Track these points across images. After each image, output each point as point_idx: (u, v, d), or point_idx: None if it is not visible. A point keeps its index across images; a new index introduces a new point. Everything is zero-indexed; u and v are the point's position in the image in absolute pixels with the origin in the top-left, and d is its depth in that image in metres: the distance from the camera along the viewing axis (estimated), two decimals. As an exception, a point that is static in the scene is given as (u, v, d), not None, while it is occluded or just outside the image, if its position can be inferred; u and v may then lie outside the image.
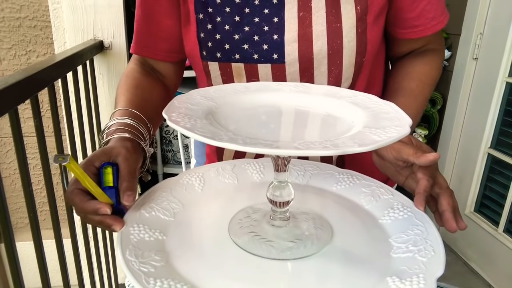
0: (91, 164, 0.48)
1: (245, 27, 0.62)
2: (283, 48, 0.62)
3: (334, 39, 0.60)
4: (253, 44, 0.62)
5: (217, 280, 0.41)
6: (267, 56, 0.63)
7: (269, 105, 0.52)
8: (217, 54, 0.64)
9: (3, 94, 0.65)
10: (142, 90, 0.68)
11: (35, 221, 0.77)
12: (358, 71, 0.64)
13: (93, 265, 1.18)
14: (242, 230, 0.49)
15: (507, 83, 1.69)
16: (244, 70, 0.65)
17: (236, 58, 0.64)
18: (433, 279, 0.40)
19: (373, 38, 0.62)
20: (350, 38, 0.60)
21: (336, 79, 0.64)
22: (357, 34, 0.60)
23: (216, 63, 0.65)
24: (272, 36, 0.62)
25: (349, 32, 0.60)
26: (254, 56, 0.63)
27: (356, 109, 0.48)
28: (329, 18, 0.60)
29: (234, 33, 0.63)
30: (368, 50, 0.62)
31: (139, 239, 0.45)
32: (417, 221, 0.50)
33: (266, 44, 0.62)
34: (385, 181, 0.77)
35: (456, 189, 1.99)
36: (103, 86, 1.36)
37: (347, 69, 0.63)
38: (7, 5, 1.40)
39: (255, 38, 0.62)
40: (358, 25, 0.60)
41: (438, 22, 0.65)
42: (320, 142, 0.37)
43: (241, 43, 0.63)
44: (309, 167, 0.65)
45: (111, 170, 0.48)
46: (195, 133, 0.37)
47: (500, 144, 1.75)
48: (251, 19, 0.62)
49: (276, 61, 0.63)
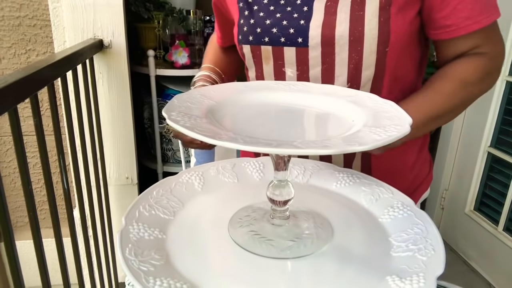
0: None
1: (277, 14, 0.68)
2: (308, 32, 0.65)
3: (356, 26, 0.62)
4: (281, 28, 0.67)
5: (216, 279, 0.41)
6: (293, 39, 0.67)
7: (269, 104, 0.52)
8: (250, 37, 0.71)
9: (3, 93, 0.65)
10: (221, 53, 0.90)
11: (35, 220, 0.77)
12: (381, 61, 0.64)
13: (93, 264, 1.18)
14: (242, 229, 0.49)
15: (507, 82, 1.69)
16: (271, 53, 0.70)
17: (265, 41, 0.69)
18: (433, 278, 0.40)
19: (397, 29, 0.63)
20: (372, 26, 0.62)
21: (357, 66, 0.65)
22: (379, 23, 0.62)
23: (248, 46, 0.72)
24: (299, 21, 0.66)
25: (371, 20, 0.62)
26: (281, 39, 0.68)
27: (356, 108, 0.48)
28: (353, 7, 0.62)
29: (267, 18, 0.69)
30: (391, 41, 0.63)
31: (139, 238, 0.45)
32: (417, 220, 0.50)
33: (293, 28, 0.66)
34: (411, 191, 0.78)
35: (456, 187, 1.99)
36: (103, 85, 1.36)
37: (368, 57, 0.64)
38: (7, 4, 1.40)
39: (283, 23, 0.67)
40: (381, 14, 0.61)
41: (474, 22, 0.62)
42: (320, 141, 0.37)
43: (271, 27, 0.68)
44: (309, 166, 0.65)
45: None
46: (195, 132, 0.37)
47: (500, 143, 1.75)
48: (284, 8, 0.68)
49: (300, 45, 0.66)
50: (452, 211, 2.02)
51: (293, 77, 0.69)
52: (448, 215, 2.06)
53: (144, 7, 1.64)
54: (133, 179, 1.51)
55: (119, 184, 1.50)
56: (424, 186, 0.81)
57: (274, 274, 0.43)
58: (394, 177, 0.69)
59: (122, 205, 1.51)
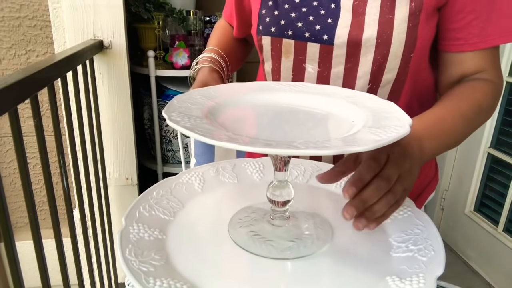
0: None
1: (303, 8, 0.67)
2: (335, 31, 0.64)
3: (385, 29, 0.62)
4: (307, 23, 0.66)
5: (216, 279, 0.41)
6: (318, 36, 0.66)
7: (269, 105, 0.52)
8: (272, 29, 0.69)
9: (3, 94, 0.65)
10: (228, 38, 0.87)
11: (34, 221, 0.77)
12: (404, 66, 0.64)
13: (93, 265, 1.18)
14: (242, 229, 0.49)
15: (507, 82, 1.69)
16: (293, 47, 0.68)
17: (288, 34, 0.68)
18: (433, 278, 0.40)
19: (424, 36, 0.63)
20: (401, 30, 0.62)
21: (380, 68, 0.65)
22: (408, 28, 0.61)
23: (269, 37, 0.69)
24: (326, 19, 0.65)
25: (400, 25, 0.61)
26: (306, 34, 0.66)
27: (356, 108, 0.48)
28: (383, 9, 0.62)
29: (292, 11, 0.67)
30: (417, 47, 0.63)
31: (139, 238, 0.45)
32: (417, 220, 0.50)
33: (319, 25, 0.66)
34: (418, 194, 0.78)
35: (456, 188, 1.99)
36: (103, 86, 1.36)
37: (392, 61, 0.64)
38: (7, 5, 1.40)
39: (310, 18, 0.66)
40: (410, 20, 0.61)
41: (482, 41, 0.62)
42: (320, 142, 0.37)
43: (296, 21, 0.67)
44: (309, 166, 0.65)
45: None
46: (195, 132, 0.37)
47: (500, 144, 1.75)
48: (310, 2, 0.67)
49: (326, 42, 0.65)
50: (452, 212, 2.02)
51: (313, 74, 0.68)
52: (448, 216, 2.06)
53: (144, 7, 1.64)
54: (133, 180, 1.51)
55: (119, 184, 1.50)
56: (430, 188, 0.81)
57: (274, 275, 0.43)
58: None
59: (122, 205, 1.51)
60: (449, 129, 0.59)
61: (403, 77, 0.65)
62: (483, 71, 0.64)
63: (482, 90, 0.63)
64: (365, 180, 0.44)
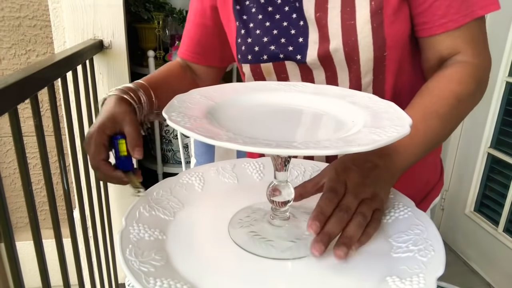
0: (103, 133, 0.56)
1: (274, 31, 0.67)
2: (306, 50, 0.64)
3: (349, 36, 0.61)
4: (279, 46, 0.66)
5: (217, 279, 0.41)
6: (292, 56, 0.66)
7: (269, 105, 0.52)
8: (248, 56, 0.69)
9: (3, 94, 0.65)
10: (167, 74, 0.77)
11: (35, 221, 0.77)
12: (379, 66, 0.63)
13: (93, 265, 1.18)
14: (242, 230, 0.49)
15: (507, 82, 1.69)
16: (273, 68, 0.68)
17: (264, 58, 0.68)
18: (433, 278, 0.40)
19: (393, 32, 0.61)
20: (365, 34, 0.60)
21: (356, 74, 0.64)
22: (372, 29, 0.60)
23: (248, 65, 0.70)
24: (297, 39, 0.65)
25: (363, 28, 0.60)
26: (280, 56, 0.67)
27: (356, 108, 0.48)
28: (344, 16, 0.61)
29: (264, 36, 0.67)
30: (388, 45, 0.61)
31: (139, 238, 0.45)
32: (417, 220, 0.50)
33: (292, 46, 0.66)
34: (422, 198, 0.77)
35: (456, 188, 1.99)
36: (103, 86, 1.36)
37: (365, 64, 0.63)
38: (7, 5, 1.40)
39: (282, 41, 0.66)
40: (373, 20, 0.60)
41: (450, 20, 0.59)
42: (320, 142, 0.37)
43: (269, 45, 0.67)
44: (309, 166, 0.65)
45: (124, 141, 0.56)
46: (195, 132, 0.37)
47: (500, 144, 1.75)
48: (280, 23, 0.66)
49: (299, 61, 0.66)
50: (452, 212, 2.02)
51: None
52: (448, 216, 2.06)
53: (144, 7, 1.64)
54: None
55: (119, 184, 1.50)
56: (434, 192, 0.80)
57: (274, 275, 0.43)
58: (404, 183, 0.64)
59: (122, 205, 1.51)
60: (424, 133, 0.56)
61: (381, 76, 0.64)
62: (460, 52, 0.61)
63: (458, 78, 0.60)
64: (326, 213, 0.46)
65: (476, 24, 0.60)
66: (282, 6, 0.66)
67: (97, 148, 0.55)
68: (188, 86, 0.75)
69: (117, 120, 0.57)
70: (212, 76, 0.84)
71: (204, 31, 0.77)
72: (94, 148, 0.56)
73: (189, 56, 0.80)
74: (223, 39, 0.76)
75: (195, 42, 0.79)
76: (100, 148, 0.55)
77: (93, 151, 0.56)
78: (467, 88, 0.60)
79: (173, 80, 0.76)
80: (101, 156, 0.56)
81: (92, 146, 0.56)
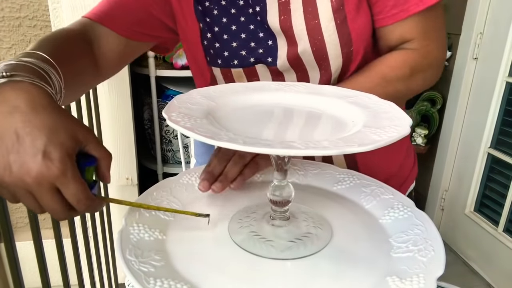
0: (73, 159, 0.40)
1: (242, 35, 0.65)
2: (276, 52, 0.64)
3: (315, 36, 0.61)
4: (250, 50, 0.65)
5: (217, 279, 0.41)
6: (262, 58, 0.65)
7: (269, 105, 0.52)
8: (218, 61, 0.67)
9: (3, 94, 0.65)
10: (71, 50, 0.57)
11: (35, 221, 0.77)
12: (348, 61, 0.64)
13: (93, 265, 1.18)
14: (242, 230, 0.49)
15: (507, 82, 1.69)
16: (243, 73, 0.67)
17: (234, 63, 0.66)
18: (433, 278, 0.40)
19: (357, 26, 0.61)
20: (330, 32, 0.60)
21: (326, 70, 0.64)
22: (336, 26, 0.60)
23: (218, 68, 0.68)
24: (267, 42, 0.64)
25: (328, 26, 0.60)
26: (251, 59, 0.66)
27: (356, 108, 0.48)
28: (307, 17, 0.61)
29: (232, 41, 0.65)
30: (354, 39, 0.61)
31: (139, 238, 0.45)
32: (417, 220, 0.50)
33: (262, 49, 0.65)
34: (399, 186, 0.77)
35: (456, 188, 1.99)
36: (103, 86, 1.36)
37: (334, 61, 0.63)
38: (7, 5, 1.40)
39: (251, 44, 0.65)
40: (336, 17, 0.60)
41: (401, 10, 0.59)
42: (320, 142, 0.37)
43: (239, 50, 0.65)
44: (309, 167, 0.65)
45: (93, 168, 0.44)
46: (195, 132, 0.37)
47: (500, 144, 1.75)
48: (247, 26, 0.65)
49: (270, 64, 0.65)
50: (452, 212, 2.02)
51: None
52: (448, 216, 2.06)
53: (144, 8, 1.64)
54: (133, 180, 1.51)
55: (119, 184, 1.50)
56: (410, 180, 0.81)
57: (274, 275, 0.43)
58: (379, 171, 0.67)
59: (122, 205, 1.51)
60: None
61: (348, 69, 0.65)
62: (411, 41, 0.62)
63: (390, 62, 0.62)
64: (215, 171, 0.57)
65: (428, 12, 0.60)
66: (246, 8, 0.64)
67: (79, 179, 0.40)
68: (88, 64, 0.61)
69: (78, 140, 0.41)
70: (114, 47, 0.66)
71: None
72: (80, 182, 0.40)
73: (97, 16, 0.66)
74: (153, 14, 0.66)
75: (112, 4, 0.66)
76: (80, 178, 0.40)
77: (81, 186, 0.40)
78: (396, 71, 0.61)
79: (75, 58, 0.57)
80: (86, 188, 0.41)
81: (77, 181, 0.39)
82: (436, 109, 2.00)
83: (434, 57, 0.64)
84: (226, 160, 0.58)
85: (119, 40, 0.66)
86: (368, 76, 0.61)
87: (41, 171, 0.37)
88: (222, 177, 0.55)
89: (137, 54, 0.73)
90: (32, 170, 0.37)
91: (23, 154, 0.37)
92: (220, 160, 0.58)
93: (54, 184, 0.38)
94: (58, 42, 0.54)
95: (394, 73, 0.61)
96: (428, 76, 0.65)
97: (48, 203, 0.39)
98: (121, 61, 0.70)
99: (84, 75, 0.59)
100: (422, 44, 0.62)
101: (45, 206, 0.40)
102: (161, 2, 0.66)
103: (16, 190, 0.39)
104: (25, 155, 0.37)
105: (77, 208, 0.41)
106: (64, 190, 0.39)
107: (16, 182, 0.38)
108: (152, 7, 0.66)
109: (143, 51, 0.74)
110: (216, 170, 0.57)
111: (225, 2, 0.64)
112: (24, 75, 0.40)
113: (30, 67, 0.43)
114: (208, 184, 0.54)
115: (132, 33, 0.67)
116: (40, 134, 0.38)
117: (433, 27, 0.62)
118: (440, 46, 0.64)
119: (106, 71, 0.67)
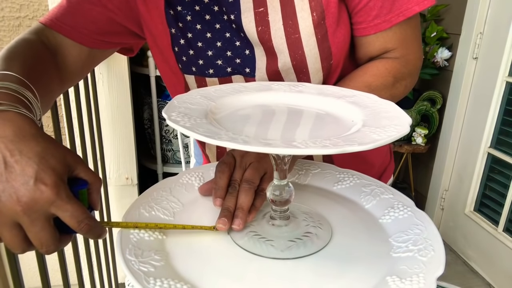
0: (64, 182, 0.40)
1: (217, 43, 0.63)
2: (254, 63, 0.63)
3: (295, 50, 0.60)
4: (226, 59, 0.63)
5: (217, 279, 0.41)
6: (240, 69, 0.64)
7: (269, 105, 0.52)
8: (192, 68, 0.65)
9: (3, 94, 0.65)
10: (39, 63, 0.55)
11: (35, 221, 0.77)
12: (327, 73, 0.64)
13: (93, 265, 1.18)
14: (242, 230, 0.49)
15: (507, 82, 1.69)
16: (219, 83, 0.66)
17: (210, 73, 0.65)
18: (433, 278, 0.40)
19: (337, 40, 0.61)
20: (311, 46, 0.60)
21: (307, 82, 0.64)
22: (317, 41, 0.60)
23: (192, 76, 0.66)
24: (244, 51, 0.63)
25: (308, 41, 0.60)
26: (228, 69, 0.64)
27: (356, 108, 0.48)
28: (287, 30, 0.60)
29: (207, 49, 0.63)
30: (334, 53, 0.61)
31: (139, 238, 0.45)
32: (417, 220, 0.50)
33: (239, 59, 0.63)
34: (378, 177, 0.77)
35: (456, 188, 1.99)
36: (103, 86, 1.36)
37: (315, 75, 0.63)
38: (7, 4, 1.40)
39: (228, 54, 0.63)
40: (317, 32, 0.59)
41: (383, 21, 0.59)
42: (320, 141, 0.37)
43: (215, 59, 0.63)
44: (309, 166, 0.65)
45: (86, 191, 0.43)
46: (195, 132, 0.37)
47: (500, 144, 1.75)
48: (222, 34, 0.63)
49: (248, 75, 0.64)
50: (452, 212, 2.02)
51: None
52: (448, 216, 2.06)
53: (144, 7, 1.64)
54: (133, 180, 1.51)
55: (119, 184, 1.50)
56: (387, 173, 0.81)
57: (274, 275, 0.43)
58: (357, 166, 0.67)
59: (122, 205, 1.51)
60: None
61: (328, 80, 0.65)
62: (392, 50, 0.63)
63: (374, 71, 0.62)
64: (222, 185, 0.52)
65: (408, 22, 0.61)
66: (220, 15, 0.62)
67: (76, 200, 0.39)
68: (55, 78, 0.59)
69: (68, 164, 0.41)
70: (77, 57, 0.64)
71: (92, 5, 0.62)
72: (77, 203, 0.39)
73: (57, 26, 0.61)
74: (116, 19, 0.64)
75: (72, 12, 0.62)
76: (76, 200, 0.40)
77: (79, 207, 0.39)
78: (380, 80, 0.62)
79: (45, 75, 0.55)
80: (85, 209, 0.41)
81: (74, 202, 0.39)
82: (436, 109, 2.00)
83: (413, 65, 0.65)
84: (229, 171, 0.53)
85: (82, 49, 0.64)
86: (354, 86, 0.60)
87: (33, 197, 0.36)
88: (239, 211, 0.49)
89: (102, 60, 0.72)
90: (23, 197, 0.36)
91: (13, 182, 0.36)
92: (222, 172, 0.53)
93: (47, 210, 0.37)
94: (27, 58, 0.53)
95: (379, 81, 0.62)
96: (408, 83, 0.66)
97: (38, 232, 0.38)
98: (84, 69, 0.68)
99: (53, 89, 0.57)
100: (402, 53, 0.63)
101: (34, 236, 0.38)
102: (125, 8, 0.64)
103: (1, 221, 0.37)
104: (14, 183, 0.36)
105: (78, 230, 0.40)
106: (61, 214, 0.38)
107: (5, 212, 0.36)
108: (114, 14, 0.63)
109: (108, 56, 0.72)
110: (230, 204, 0.50)
111: (199, 7, 0.62)
112: (7, 104, 0.40)
113: (12, 96, 0.42)
114: (228, 223, 0.47)
115: (95, 43, 0.65)
116: (30, 162, 0.37)
117: (412, 36, 0.63)
118: (418, 55, 0.65)
119: (70, 81, 0.66)
